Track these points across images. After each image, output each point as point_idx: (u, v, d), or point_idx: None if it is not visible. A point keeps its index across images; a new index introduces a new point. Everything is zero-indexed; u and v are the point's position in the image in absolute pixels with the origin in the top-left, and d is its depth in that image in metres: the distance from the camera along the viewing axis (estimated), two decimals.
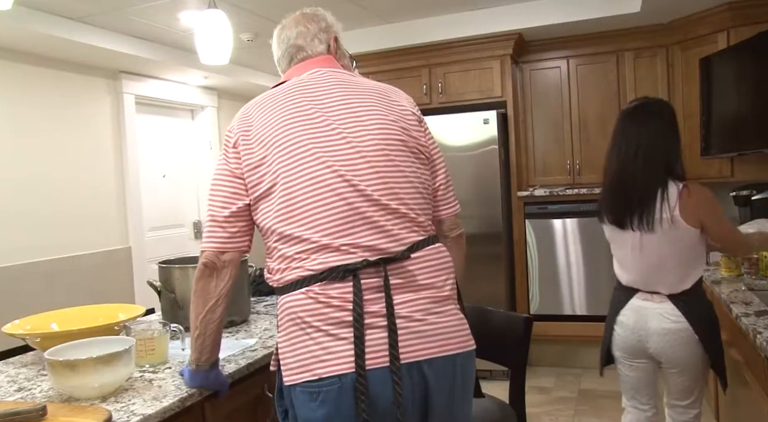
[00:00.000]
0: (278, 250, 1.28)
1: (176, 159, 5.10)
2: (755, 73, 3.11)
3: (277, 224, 1.27)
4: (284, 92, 1.36)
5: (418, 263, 1.28)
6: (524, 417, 2.01)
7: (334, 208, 1.24)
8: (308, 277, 1.23)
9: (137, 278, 4.45)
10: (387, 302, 1.21)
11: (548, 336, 4.15)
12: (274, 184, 1.27)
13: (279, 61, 1.53)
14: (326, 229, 1.23)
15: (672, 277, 2.04)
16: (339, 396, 1.18)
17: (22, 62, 3.76)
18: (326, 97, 1.34)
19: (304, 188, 1.25)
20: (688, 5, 3.53)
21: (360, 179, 1.26)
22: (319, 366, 1.20)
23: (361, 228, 1.24)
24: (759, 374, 1.86)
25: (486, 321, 2.08)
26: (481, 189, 4.05)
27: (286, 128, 1.29)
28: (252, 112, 1.35)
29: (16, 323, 1.78)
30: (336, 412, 1.19)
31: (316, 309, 1.21)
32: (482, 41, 4.10)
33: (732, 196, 3.46)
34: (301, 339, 1.22)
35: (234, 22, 2.78)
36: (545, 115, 4.28)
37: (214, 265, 1.32)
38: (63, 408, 1.30)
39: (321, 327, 1.21)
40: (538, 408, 3.56)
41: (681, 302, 2.03)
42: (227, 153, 1.35)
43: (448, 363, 1.26)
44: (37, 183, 3.81)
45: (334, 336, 1.20)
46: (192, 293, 1.36)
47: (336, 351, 1.19)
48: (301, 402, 1.22)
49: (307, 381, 1.20)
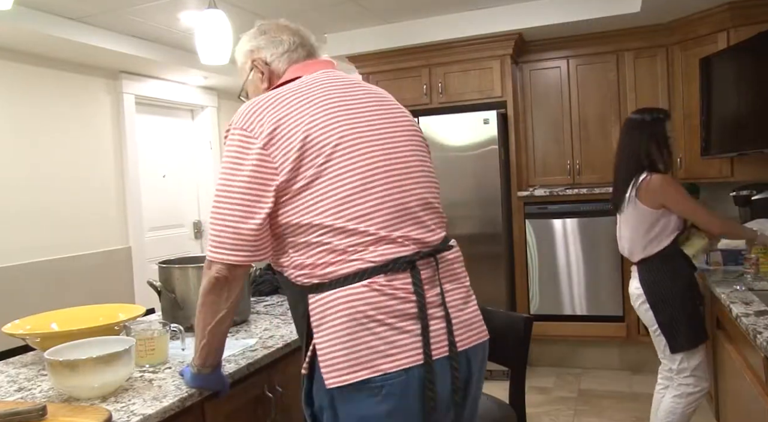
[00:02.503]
0: (321, 244, 1.22)
1: (176, 159, 5.10)
2: (755, 73, 3.11)
3: (324, 217, 1.22)
4: (309, 88, 1.31)
5: (453, 255, 1.34)
6: (524, 417, 2.01)
7: (386, 201, 1.25)
8: (370, 269, 1.20)
9: (137, 278, 4.45)
10: (441, 292, 1.25)
11: (548, 336, 4.15)
12: (317, 178, 1.22)
13: (283, 54, 1.46)
14: (382, 221, 1.23)
15: (637, 247, 2.59)
16: (404, 389, 1.18)
17: (22, 62, 3.76)
18: (356, 95, 1.34)
19: (355, 182, 1.23)
20: (688, 5, 3.53)
21: (402, 174, 1.29)
22: (383, 362, 1.17)
23: (408, 221, 1.27)
24: (759, 374, 1.86)
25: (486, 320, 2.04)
26: (481, 189, 4.05)
27: (327, 122, 1.26)
28: (274, 108, 1.27)
29: (16, 323, 1.77)
30: (400, 406, 1.18)
31: (381, 302, 1.19)
32: (482, 41, 4.10)
33: (732, 196, 3.46)
34: (358, 335, 1.17)
35: (234, 22, 2.78)
36: (545, 115, 4.28)
37: (226, 279, 1.27)
38: (63, 408, 1.30)
39: (386, 320, 1.18)
40: (538, 408, 3.56)
41: (641, 270, 2.58)
42: (247, 155, 1.23)
43: (481, 350, 1.34)
44: (37, 183, 3.81)
45: (399, 329, 1.19)
46: (200, 303, 1.32)
47: (402, 344, 1.18)
48: (355, 400, 1.18)
49: (365, 378, 1.17)
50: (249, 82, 1.49)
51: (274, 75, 1.46)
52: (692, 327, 2.48)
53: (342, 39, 4.36)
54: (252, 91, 1.49)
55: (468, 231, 4.07)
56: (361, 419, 1.18)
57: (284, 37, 1.48)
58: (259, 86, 1.47)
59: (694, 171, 3.75)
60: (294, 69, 1.43)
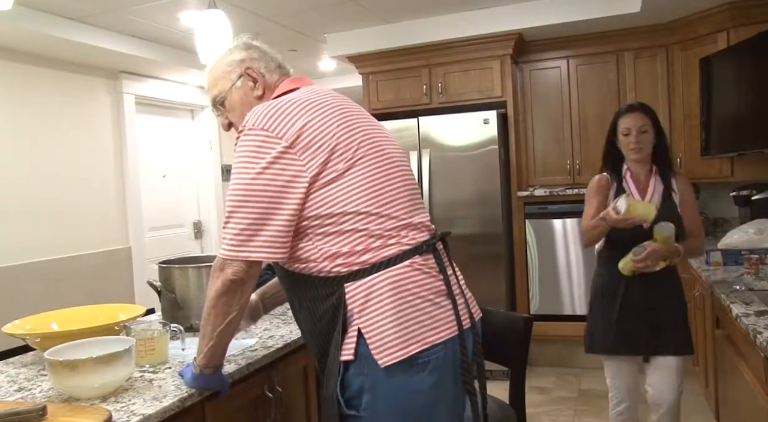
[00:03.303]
0: (356, 231, 1.28)
1: (176, 159, 5.10)
2: (755, 73, 3.11)
3: (358, 204, 1.29)
4: (321, 96, 1.39)
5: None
6: (524, 417, 2.01)
7: (403, 190, 1.37)
8: (409, 251, 1.30)
9: (137, 278, 4.45)
10: (453, 271, 1.39)
11: (548, 336, 4.15)
12: (348, 169, 1.30)
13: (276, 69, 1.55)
14: (405, 207, 1.35)
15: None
16: (445, 361, 1.28)
17: (22, 62, 3.76)
18: (353, 104, 1.45)
19: (381, 172, 1.34)
20: (688, 5, 3.53)
21: (405, 168, 1.43)
22: (429, 335, 1.27)
23: (419, 208, 1.41)
24: (759, 374, 1.86)
25: (486, 320, 2.05)
26: (481, 189, 4.05)
27: (351, 125, 1.35)
28: (297, 112, 1.32)
29: (16, 323, 1.77)
30: (443, 377, 1.28)
31: (422, 280, 1.29)
32: (482, 41, 4.10)
33: (732, 196, 3.46)
34: (407, 312, 1.26)
35: (234, 22, 2.78)
36: (545, 115, 4.28)
37: (242, 281, 1.28)
38: (63, 408, 1.30)
39: (428, 296, 1.29)
40: (538, 408, 3.56)
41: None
42: (269, 153, 1.27)
43: (481, 323, 1.47)
44: (37, 183, 3.81)
45: (437, 304, 1.30)
46: (210, 305, 1.32)
47: (441, 317, 1.29)
48: (403, 376, 1.25)
49: (416, 353, 1.24)
50: (235, 89, 1.51)
51: (268, 85, 1.51)
52: (606, 333, 2.40)
53: (342, 39, 4.36)
54: (239, 99, 1.51)
55: (468, 231, 4.07)
56: (410, 392, 1.26)
57: (272, 55, 1.57)
58: (249, 94, 1.51)
59: (694, 171, 3.75)
60: (290, 81, 1.51)
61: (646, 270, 2.23)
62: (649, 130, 2.33)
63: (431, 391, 1.27)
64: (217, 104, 1.54)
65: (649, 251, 2.20)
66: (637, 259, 2.21)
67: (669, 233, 2.20)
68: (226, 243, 1.28)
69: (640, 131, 2.32)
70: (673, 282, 2.37)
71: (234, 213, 1.27)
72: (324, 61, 5.09)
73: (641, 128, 2.32)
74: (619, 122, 2.39)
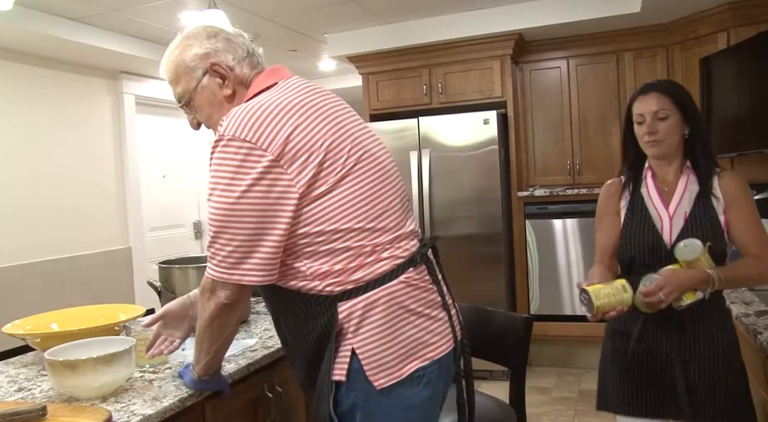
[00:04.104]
0: (348, 249, 1.20)
1: (176, 159, 5.09)
2: (755, 73, 3.11)
3: (349, 221, 1.20)
4: (306, 95, 1.26)
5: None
6: (524, 417, 2.01)
7: (395, 197, 1.30)
8: (401, 264, 1.24)
9: (137, 279, 4.45)
10: (444, 280, 1.34)
11: (548, 336, 4.15)
12: (340, 181, 1.20)
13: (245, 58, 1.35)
14: (397, 216, 1.29)
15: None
16: (439, 374, 1.26)
17: (22, 62, 3.76)
18: (337, 100, 1.33)
19: (374, 181, 1.26)
20: (688, 5, 3.53)
21: (395, 173, 1.35)
22: (427, 351, 1.24)
23: (409, 215, 1.35)
24: (759, 374, 1.86)
25: (486, 321, 2.08)
26: (481, 189, 4.05)
27: (341, 131, 1.24)
28: (282, 118, 1.19)
29: (16, 323, 1.77)
30: (437, 390, 1.26)
31: (417, 294, 1.25)
32: (482, 41, 4.10)
33: None
34: (403, 330, 1.21)
35: (234, 22, 2.78)
36: (545, 115, 4.28)
37: (236, 303, 1.22)
38: (63, 408, 1.30)
39: (423, 311, 1.24)
40: (538, 408, 3.56)
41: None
42: (254, 168, 1.15)
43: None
44: (37, 183, 3.81)
45: (433, 317, 1.26)
46: (204, 326, 1.27)
47: (438, 331, 1.26)
48: (397, 393, 1.21)
49: (414, 369, 1.21)
50: (201, 88, 1.34)
51: (239, 81, 1.34)
52: (618, 385, 1.78)
53: (342, 39, 4.36)
54: (206, 99, 1.35)
55: (468, 231, 4.07)
56: (405, 409, 1.22)
57: (239, 41, 1.36)
58: (218, 93, 1.34)
59: None
60: (265, 74, 1.34)
61: (663, 307, 1.54)
62: (671, 116, 1.68)
63: (426, 404, 1.24)
64: (183, 104, 1.39)
65: (660, 281, 1.52)
66: (645, 291, 1.53)
67: (694, 254, 1.56)
68: (215, 265, 1.20)
69: (655, 118, 1.68)
70: (714, 320, 1.67)
71: (220, 234, 1.18)
72: (324, 62, 5.09)
73: (657, 114, 1.68)
74: (633, 108, 1.76)
